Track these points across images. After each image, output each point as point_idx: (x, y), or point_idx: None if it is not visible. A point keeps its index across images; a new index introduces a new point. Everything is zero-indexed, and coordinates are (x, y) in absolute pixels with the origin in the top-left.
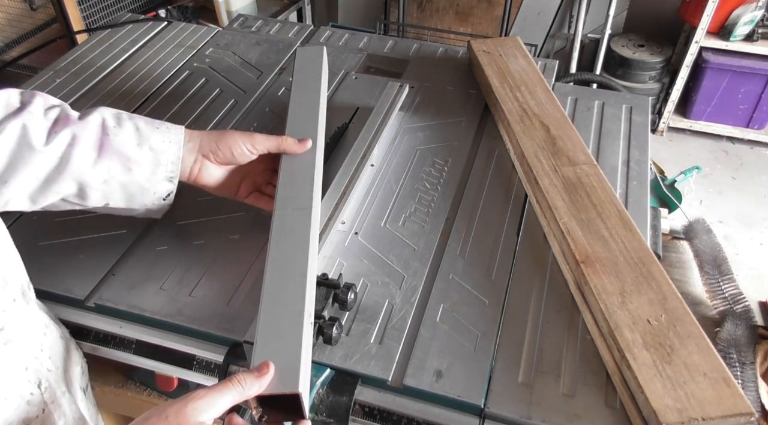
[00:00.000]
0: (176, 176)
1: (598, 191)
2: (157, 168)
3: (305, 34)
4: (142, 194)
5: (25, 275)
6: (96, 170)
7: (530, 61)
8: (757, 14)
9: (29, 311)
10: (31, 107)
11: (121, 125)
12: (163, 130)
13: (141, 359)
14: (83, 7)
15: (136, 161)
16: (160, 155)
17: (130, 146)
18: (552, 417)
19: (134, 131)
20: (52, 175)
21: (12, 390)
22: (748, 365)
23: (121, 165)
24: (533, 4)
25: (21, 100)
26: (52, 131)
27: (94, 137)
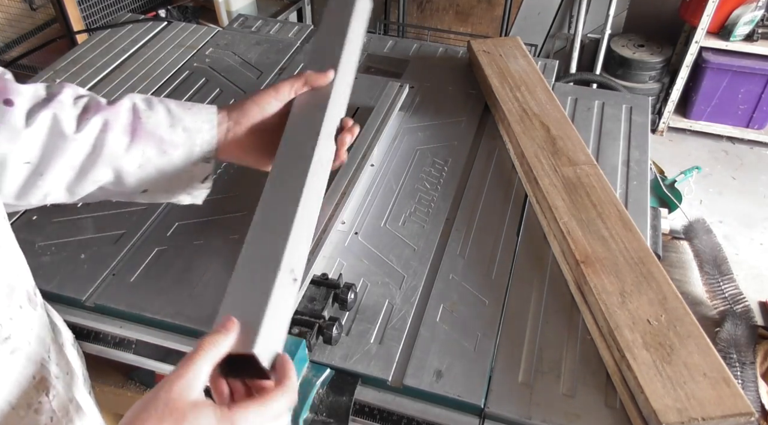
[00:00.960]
0: (213, 156)
1: (598, 191)
2: (192, 149)
3: (305, 34)
4: (179, 177)
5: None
6: (130, 155)
7: (530, 61)
8: (757, 14)
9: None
10: (60, 96)
11: (152, 107)
12: (194, 110)
13: (141, 359)
14: (83, 7)
15: (170, 143)
16: (195, 136)
17: (164, 128)
18: (552, 417)
19: (166, 113)
20: (87, 163)
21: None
22: (748, 365)
23: (156, 148)
24: (533, 4)
25: (48, 91)
26: (82, 118)
27: (125, 121)
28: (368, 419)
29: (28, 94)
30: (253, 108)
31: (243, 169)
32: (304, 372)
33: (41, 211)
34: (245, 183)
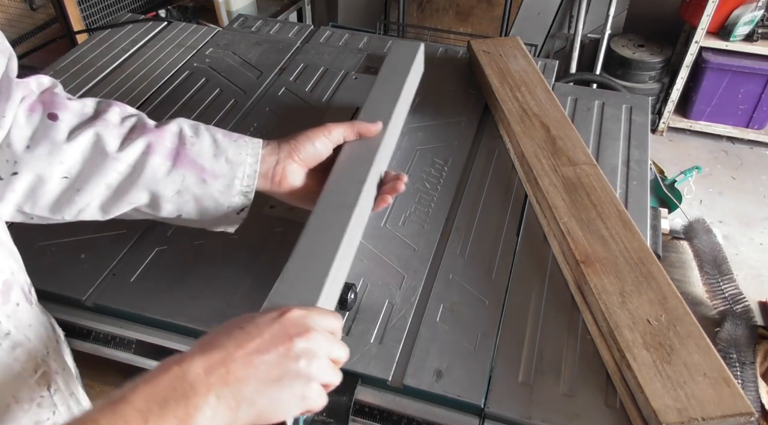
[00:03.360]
0: (252, 190)
1: (598, 191)
2: (232, 182)
3: (305, 34)
4: (216, 207)
5: (26, 276)
6: (169, 180)
7: (530, 61)
8: (757, 14)
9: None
10: (107, 115)
11: (199, 135)
12: (240, 142)
13: (141, 359)
14: (83, 7)
15: (211, 173)
16: (237, 168)
17: (206, 157)
18: (552, 417)
19: (211, 142)
20: (125, 183)
21: (23, 393)
22: (748, 365)
23: (196, 176)
24: (533, 4)
25: (96, 108)
26: (127, 138)
27: (169, 146)
28: (368, 419)
29: (74, 110)
30: (307, 144)
31: None
32: None
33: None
34: None
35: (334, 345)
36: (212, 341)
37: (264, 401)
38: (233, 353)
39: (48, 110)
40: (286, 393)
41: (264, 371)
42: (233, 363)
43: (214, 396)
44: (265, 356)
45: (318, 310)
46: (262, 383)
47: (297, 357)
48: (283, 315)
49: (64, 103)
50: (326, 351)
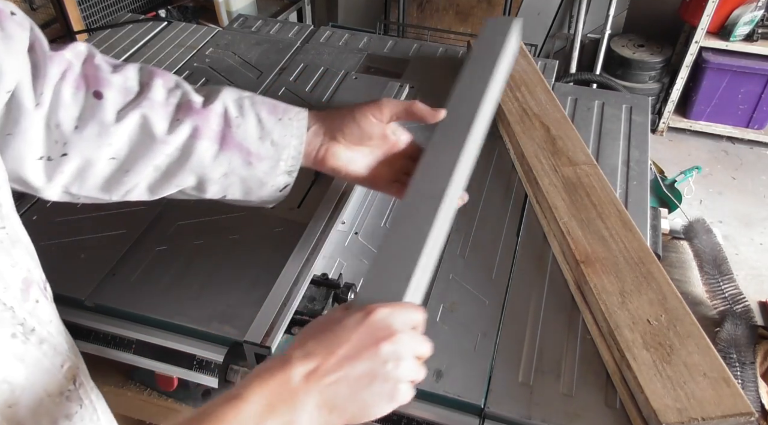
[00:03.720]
0: (296, 169)
1: (598, 191)
2: (277, 163)
3: (305, 34)
4: (260, 187)
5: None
6: (217, 164)
7: (530, 61)
8: (757, 14)
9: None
10: (152, 92)
11: (244, 114)
12: (285, 122)
13: (141, 359)
14: (83, 7)
15: (257, 156)
16: (282, 150)
17: (252, 140)
18: (552, 417)
19: (256, 123)
20: (173, 167)
21: (53, 387)
22: (747, 365)
23: (242, 159)
24: (533, 4)
25: (140, 81)
26: (174, 119)
27: (216, 129)
28: None
29: (118, 86)
30: (352, 126)
31: None
32: None
33: (41, 211)
34: None
35: (418, 343)
36: (306, 345)
37: (355, 405)
38: (326, 360)
39: (93, 87)
40: (375, 397)
41: (354, 377)
42: (326, 371)
43: (313, 403)
44: (355, 362)
45: (401, 307)
46: (352, 388)
47: (384, 361)
48: (368, 316)
49: (107, 79)
50: (411, 351)
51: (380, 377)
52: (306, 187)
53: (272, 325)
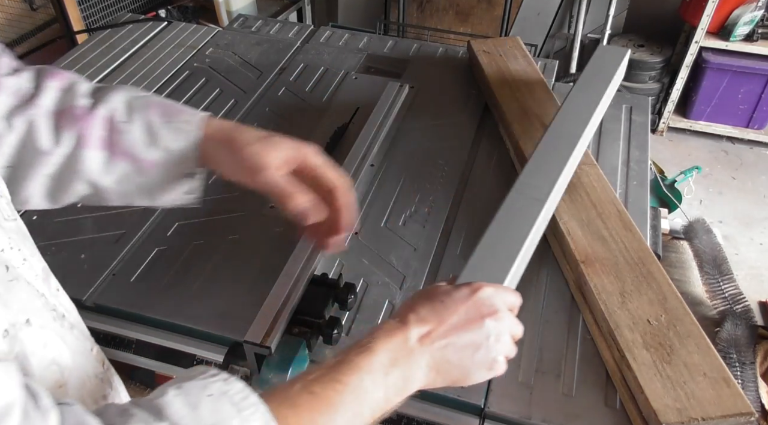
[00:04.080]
0: (195, 170)
1: (598, 191)
2: (171, 168)
3: (305, 34)
4: (161, 192)
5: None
6: (107, 172)
7: (530, 61)
8: (757, 14)
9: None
10: (41, 97)
11: (132, 119)
12: (176, 126)
13: (141, 359)
14: (83, 7)
15: (148, 162)
16: (173, 155)
17: (141, 147)
18: (552, 417)
19: (145, 129)
20: (64, 176)
21: (90, 369)
22: (747, 365)
23: (133, 167)
24: (533, 4)
25: (36, 83)
26: (58, 126)
27: (101, 134)
28: None
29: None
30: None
31: None
32: None
33: (41, 211)
34: None
35: (515, 323)
36: (419, 311)
37: (458, 370)
38: (438, 326)
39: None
40: (476, 365)
41: (460, 345)
42: (437, 336)
43: (425, 362)
44: (462, 332)
45: (503, 289)
46: (458, 355)
47: (487, 335)
48: (475, 293)
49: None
50: (509, 329)
51: (483, 348)
52: None
53: (272, 325)
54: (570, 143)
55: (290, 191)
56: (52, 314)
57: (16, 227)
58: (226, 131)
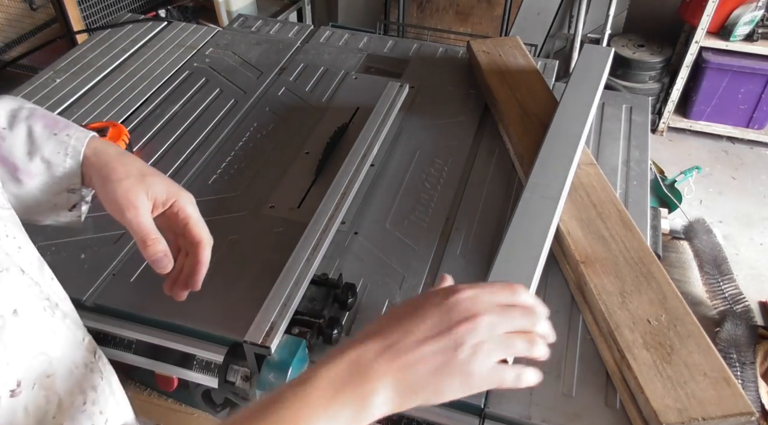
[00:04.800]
0: (78, 188)
1: (598, 191)
2: (51, 180)
3: (305, 34)
4: (39, 204)
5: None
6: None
7: (530, 61)
8: (757, 14)
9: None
10: None
11: (14, 127)
12: (61, 138)
13: (141, 359)
14: (83, 7)
15: (26, 172)
16: (54, 168)
17: (19, 155)
18: (552, 417)
19: (26, 138)
20: None
21: (80, 359)
22: (748, 365)
23: (9, 174)
24: (533, 4)
25: None
26: None
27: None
28: None
29: None
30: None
31: (243, 170)
32: None
33: None
34: (245, 183)
35: (507, 320)
36: (385, 325)
37: (428, 389)
38: (400, 340)
39: None
40: (446, 382)
41: (428, 360)
42: (401, 351)
43: (385, 383)
44: (429, 345)
45: (490, 287)
46: (426, 371)
47: (459, 345)
48: (448, 297)
49: None
50: (495, 331)
51: (453, 363)
52: (306, 187)
53: (272, 325)
54: (572, 141)
55: (149, 238)
56: (45, 303)
57: (10, 215)
58: (106, 158)
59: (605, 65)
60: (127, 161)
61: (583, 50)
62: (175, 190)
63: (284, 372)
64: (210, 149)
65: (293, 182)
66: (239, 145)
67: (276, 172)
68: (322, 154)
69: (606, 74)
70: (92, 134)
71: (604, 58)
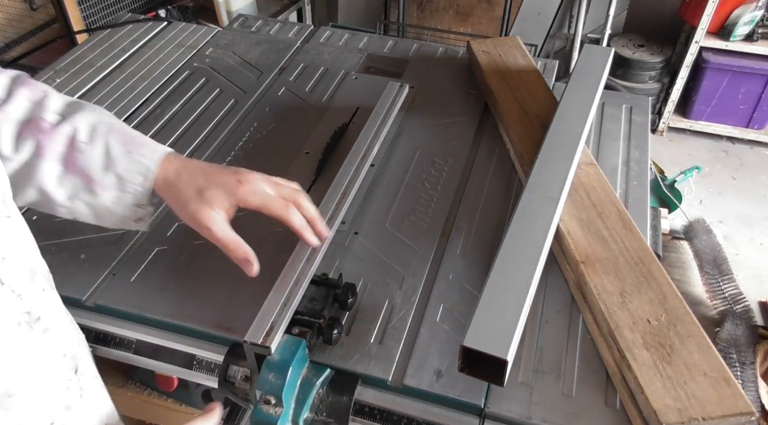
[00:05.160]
0: (145, 203)
1: (598, 191)
2: (122, 194)
3: (305, 34)
4: (109, 214)
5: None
6: (60, 185)
7: (530, 61)
8: (757, 14)
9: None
10: (10, 104)
11: (93, 141)
12: (134, 157)
13: (141, 359)
14: (83, 7)
15: (100, 184)
16: (126, 184)
17: (96, 169)
18: (552, 417)
19: (103, 153)
20: (17, 180)
21: (55, 377)
22: (748, 365)
23: (84, 185)
24: (533, 4)
25: (8, 89)
26: (20, 135)
27: (60, 150)
28: (368, 419)
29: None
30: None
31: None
32: (304, 372)
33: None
34: None
35: None
36: None
37: None
38: None
39: None
40: None
41: None
42: None
43: None
44: None
45: None
46: None
47: None
48: None
49: None
50: None
51: None
52: (306, 187)
53: (272, 325)
54: (572, 141)
55: (228, 248)
56: (23, 317)
57: None
58: (172, 179)
59: (605, 65)
60: (187, 178)
61: (583, 50)
62: (233, 190)
63: (284, 372)
64: (210, 149)
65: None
66: (239, 145)
67: (276, 172)
68: (322, 154)
69: (606, 74)
70: (166, 151)
71: (604, 58)
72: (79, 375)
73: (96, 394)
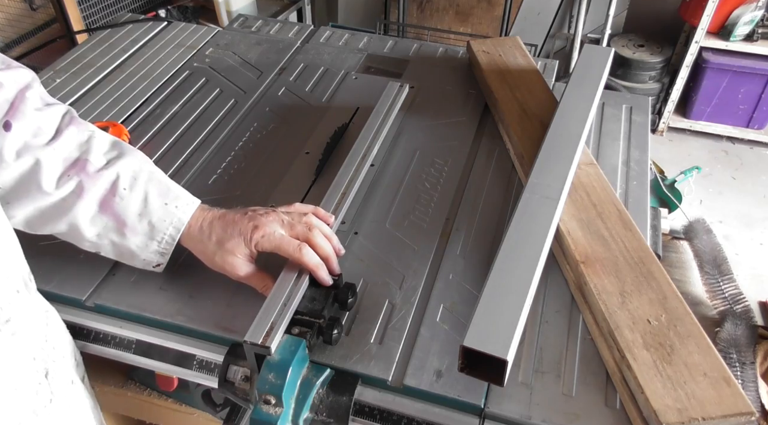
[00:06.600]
0: (169, 252)
1: (598, 191)
2: (150, 242)
3: (305, 34)
4: (131, 256)
5: (25, 265)
6: (92, 223)
7: (530, 61)
8: (757, 14)
9: (32, 302)
10: (58, 141)
11: (134, 189)
12: (169, 209)
13: (141, 359)
14: (83, 7)
15: (132, 229)
16: (156, 233)
17: (132, 215)
18: (552, 417)
19: (141, 201)
20: (52, 213)
21: (22, 380)
22: (748, 365)
23: (116, 228)
24: (533, 4)
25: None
26: (65, 174)
27: (101, 193)
28: (368, 419)
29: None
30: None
31: (243, 170)
32: (304, 372)
33: None
34: (245, 183)
35: None
36: None
37: None
38: None
39: (8, 117)
40: None
41: None
42: None
43: None
44: None
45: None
46: None
47: None
48: None
49: (25, 113)
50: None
51: None
52: (306, 187)
53: (272, 325)
54: (572, 141)
55: (259, 288)
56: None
57: None
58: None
59: (605, 65)
60: (208, 232)
61: (583, 50)
62: (250, 236)
63: (284, 372)
64: (210, 149)
65: (293, 181)
66: (239, 145)
67: (276, 172)
68: (322, 154)
69: (606, 74)
70: (197, 204)
71: (604, 58)
72: (50, 379)
73: (70, 399)
